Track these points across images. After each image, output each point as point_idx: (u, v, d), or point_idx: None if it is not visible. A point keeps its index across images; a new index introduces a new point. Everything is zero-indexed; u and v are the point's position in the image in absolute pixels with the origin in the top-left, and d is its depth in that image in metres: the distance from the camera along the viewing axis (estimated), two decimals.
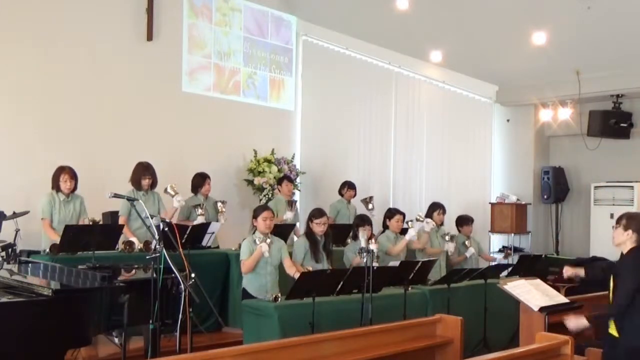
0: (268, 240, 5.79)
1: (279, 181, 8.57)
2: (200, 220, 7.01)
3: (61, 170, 6.38)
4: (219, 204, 7.35)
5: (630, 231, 4.51)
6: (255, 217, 5.96)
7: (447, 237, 7.68)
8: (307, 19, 10.05)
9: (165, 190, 6.74)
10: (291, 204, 8.12)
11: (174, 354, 4.32)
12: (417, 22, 9.25)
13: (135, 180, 6.81)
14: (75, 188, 6.44)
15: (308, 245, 6.14)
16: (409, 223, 7.27)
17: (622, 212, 4.81)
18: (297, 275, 5.62)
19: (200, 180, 7.55)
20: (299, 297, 5.18)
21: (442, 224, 7.91)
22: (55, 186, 6.38)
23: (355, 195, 9.07)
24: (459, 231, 8.19)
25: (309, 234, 6.22)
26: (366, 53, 10.48)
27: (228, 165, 9.02)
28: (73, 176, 6.38)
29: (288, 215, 7.89)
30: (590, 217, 10.93)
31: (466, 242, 8.04)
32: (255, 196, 9.08)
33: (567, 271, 5.31)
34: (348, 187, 9.05)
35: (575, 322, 4.81)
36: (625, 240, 4.53)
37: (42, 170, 6.64)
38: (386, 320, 5.08)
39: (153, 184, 6.90)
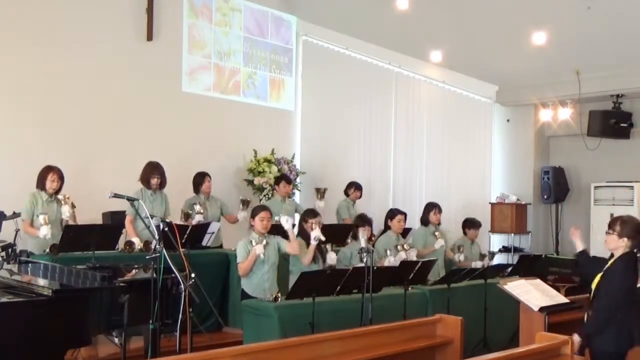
0: (264, 242, 5.78)
1: (277, 181, 8.52)
2: (198, 218, 7.01)
3: (49, 169, 6.29)
4: (241, 204, 7.45)
5: (625, 239, 4.49)
6: (253, 216, 5.97)
7: (437, 234, 7.64)
8: (307, 19, 10.04)
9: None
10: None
11: (174, 354, 4.33)
12: (417, 22, 9.25)
13: (145, 179, 6.81)
14: (59, 189, 6.35)
15: (304, 244, 6.15)
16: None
17: (615, 216, 4.74)
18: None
19: (199, 179, 7.57)
20: (299, 297, 5.18)
21: (439, 223, 7.89)
22: (41, 185, 6.29)
23: (360, 196, 9.04)
24: (465, 234, 8.16)
25: (302, 233, 6.22)
26: (366, 53, 10.48)
27: (228, 165, 9.02)
28: (61, 177, 6.31)
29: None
30: (590, 217, 10.92)
31: (477, 250, 8.05)
32: (256, 196, 9.07)
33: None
34: (355, 188, 9.01)
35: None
36: (618, 247, 4.52)
37: None
38: (386, 320, 5.08)
39: (162, 184, 6.89)
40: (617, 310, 4.39)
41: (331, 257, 6.20)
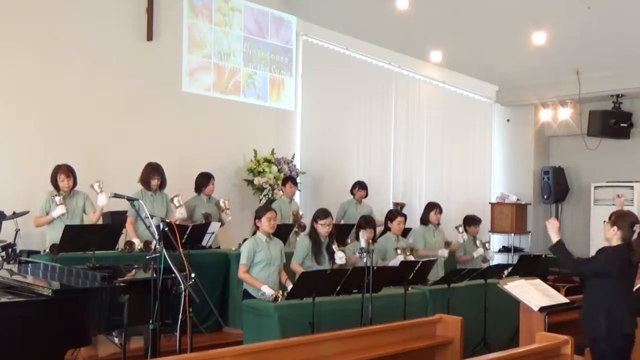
0: (279, 293, 5.56)
1: (283, 182, 8.56)
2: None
3: (57, 169, 6.34)
4: (222, 201, 7.39)
5: (615, 227, 4.73)
6: (258, 217, 5.91)
7: (477, 243, 7.73)
8: (307, 19, 10.05)
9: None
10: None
11: (174, 354, 4.32)
12: (417, 22, 9.25)
13: (145, 180, 6.78)
14: (75, 184, 6.40)
15: (310, 246, 6.13)
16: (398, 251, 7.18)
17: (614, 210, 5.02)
18: (287, 283, 5.78)
19: (204, 180, 7.53)
20: (299, 297, 5.18)
21: (438, 223, 7.89)
22: (55, 187, 6.37)
23: (366, 195, 9.00)
24: (466, 231, 8.17)
25: (313, 234, 6.20)
26: (366, 53, 10.48)
27: (228, 165, 9.02)
28: (70, 174, 6.34)
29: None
30: (590, 217, 10.91)
31: (477, 242, 8.02)
32: (255, 196, 9.08)
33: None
34: (359, 187, 8.96)
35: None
36: (611, 237, 4.75)
37: (42, 170, 6.63)
38: (386, 320, 5.08)
39: (162, 185, 6.87)
40: (583, 277, 4.81)
41: (339, 257, 6.16)
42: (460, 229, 7.90)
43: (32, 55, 7.42)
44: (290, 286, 5.56)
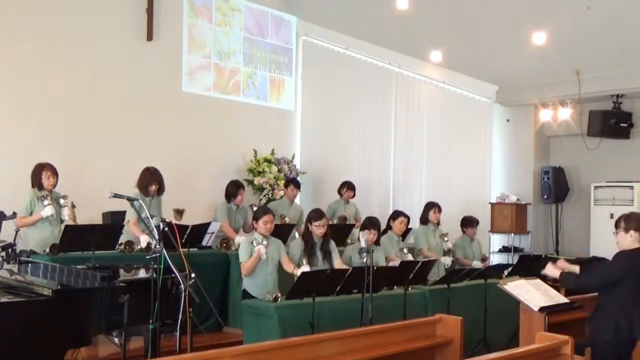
0: (265, 242, 5.76)
1: (286, 184, 8.56)
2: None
3: (42, 167, 6.24)
4: (249, 209, 7.41)
5: (632, 231, 4.62)
6: (255, 219, 5.93)
7: (445, 247, 7.69)
8: (307, 19, 10.04)
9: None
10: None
11: (174, 354, 4.32)
12: (417, 22, 9.25)
13: (143, 186, 6.59)
14: (55, 185, 6.31)
15: (303, 247, 6.11)
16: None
17: (620, 215, 4.86)
18: (295, 272, 5.69)
19: (233, 190, 7.55)
20: (299, 297, 5.18)
21: (439, 222, 7.89)
22: (37, 184, 6.24)
23: (354, 195, 9.03)
24: (463, 232, 8.18)
25: (306, 235, 6.19)
26: (366, 53, 10.48)
27: (228, 165, 9.01)
28: (55, 173, 6.27)
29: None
30: (590, 217, 10.93)
31: (472, 247, 8.04)
32: (255, 196, 9.08)
33: (561, 263, 5.22)
34: (347, 187, 9.00)
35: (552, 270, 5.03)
36: (631, 242, 4.63)
37: None
38: (386, 320, 5.07)
39: (160, 190, 6.73)
40: (596, 291, 4.69)
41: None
42: (446, 238, 7.84)
43: (32, 55, 7.41)
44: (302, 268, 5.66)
